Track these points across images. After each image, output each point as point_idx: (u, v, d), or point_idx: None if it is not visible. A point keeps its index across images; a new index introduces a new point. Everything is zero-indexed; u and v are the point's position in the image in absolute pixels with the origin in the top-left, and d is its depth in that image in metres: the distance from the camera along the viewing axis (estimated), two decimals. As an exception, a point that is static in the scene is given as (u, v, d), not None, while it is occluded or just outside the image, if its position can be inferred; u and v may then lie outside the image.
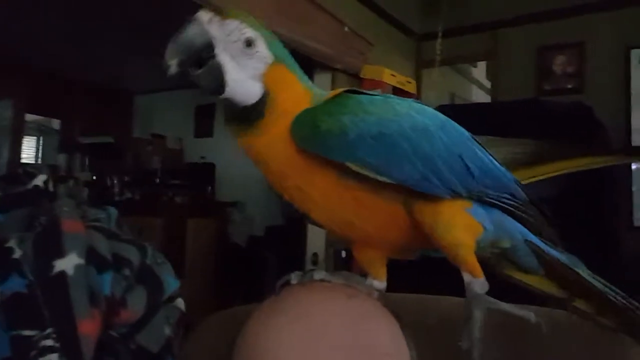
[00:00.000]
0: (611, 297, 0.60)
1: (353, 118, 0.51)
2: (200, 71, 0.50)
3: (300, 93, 0.55)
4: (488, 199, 0.57)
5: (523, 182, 0.63)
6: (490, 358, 0.55)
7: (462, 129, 0.58)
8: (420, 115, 0.54)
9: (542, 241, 0.61)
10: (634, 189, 2.96)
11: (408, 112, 0.54)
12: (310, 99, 0.55)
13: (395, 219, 0.55)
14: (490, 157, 0.58)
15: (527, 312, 0.53)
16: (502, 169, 0.59)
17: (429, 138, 0.53)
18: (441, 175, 0.52)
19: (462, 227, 0.55)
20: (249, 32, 0.51)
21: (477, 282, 0.54)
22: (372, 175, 0.50)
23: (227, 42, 0.51)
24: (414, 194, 0.53)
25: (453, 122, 0.58)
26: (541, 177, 0.65)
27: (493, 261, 0.62)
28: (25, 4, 3.44)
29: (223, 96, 0.52)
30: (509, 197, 0.59)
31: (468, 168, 0.54)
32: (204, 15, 0.51)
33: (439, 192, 0.53)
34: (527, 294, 0.65)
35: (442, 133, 0.54)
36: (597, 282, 0.60)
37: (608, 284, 0.61)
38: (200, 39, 0.50)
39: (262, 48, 0.52)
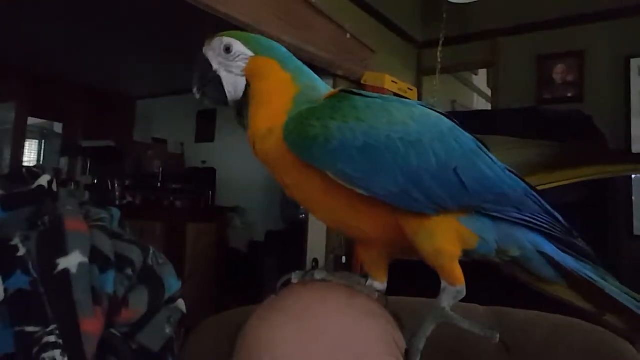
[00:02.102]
0: None
1: (341, 125, 0.50)
2: (209, 89, 0.59)
3: (282, 78, 0.58)
4: (487, 213, 0.55)
5: (545, 187, 0.61)
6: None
7: (469, 139, 0.56)
8: (417, 124, 0.53)
9: (560, 251, 0.58)
10: (634, 198, 2.96)
11: (404, 120, 0.52)
12: (293, 84, 0.57)
13: (390, 222, 0.54)
14: (498, 169, 0.56)
15: (490, 332, 0.53)
16: (511, 181, 0.56)
17: (419, 150, 0.51)
18: (427, 190, 0.51)
19: (446, 236, 0.53)
20: (225, 40, 0.59)
21: (450, 289, 0.54)
22: (350, 187, 0.50)
23: (217, 58, 0.59)
24: None
25: (460, 130, 0.56)
26: (563, 183, 0.62)
27: (507, 269, 0.61)
28: (28, 8, 3.46)
29: (230, 104, 0.59)
30: (513, 210, 0.56)
31: (462, 182, 0.52)
32: (205, 45, 0.60)
33: (420, 209, 0.52)
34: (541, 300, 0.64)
35: (437, 144, 0.52)
36: (624, 297, 0.57)
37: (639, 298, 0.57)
38: (201, 65, 0.59)
39: (239, 48, 0.58)
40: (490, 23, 3.47)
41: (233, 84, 0.58)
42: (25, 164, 5.28)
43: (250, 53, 0.58)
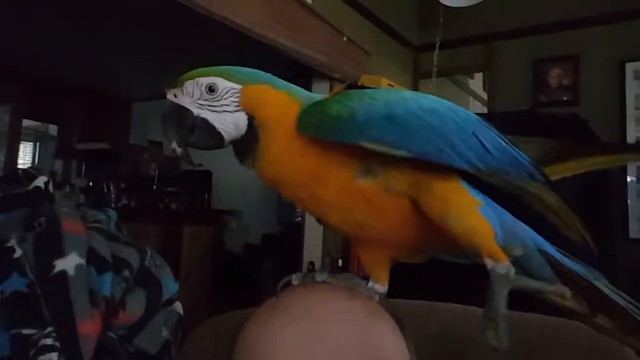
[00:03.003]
0: (634, 314, 0.56)
1: (360, 102, 0.51)
2: (196, 136, 0.54)
3: (280, 98, 0.55)
4: (508, 180, 0.54)
5: None
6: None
7: (471, 113, 0.57)
8: (427, 100, 0.54)
9: (558, 251, 0.58)
10: (629, 201, 2.97)
11: (414, 98, 0.54)
12: (292, 99, 0.56)
13: (406, 217, 0.54)
14: (503, 137, 0.56)
15: (560, 287, 0.52)
16: (518, 150, 0.56)
17: (439, 116, 0.52)
18: (457, 147, 0.51)
19: (474, 215, 0.52)
20: (204, 80, 0.54)
21: (500, 266, 0.50)
22: (388, 151, 0.49)
23: (196, 101, 0.54)
24: (423, 184, 0.52)
25: (460, 107, 0.57)
26: (555, 177, 0.61)
27: None
28: (24, 10, 3.45)
29: (227, 144, 0.55)
30: (528, 177, 0.55)
31: (483, 144, 0.53)
32: (169, 94, 0.55)
33: (458, 164, 0.51)
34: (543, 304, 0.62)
35: (451, 113, 0.53)
36: (618, 298, 0.57)
37: (632, 300, 0.57)
38: (177, 115, 0.54)
39: (223, 84, 0.55)
40: (486, 27, 3.48)
41: (232, 123, 0.54)
42: (19, 166, 5.24)
43: (237, 86, 0.55)
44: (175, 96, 0.55)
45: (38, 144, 5.91)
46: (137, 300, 0.70)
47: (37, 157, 5.90)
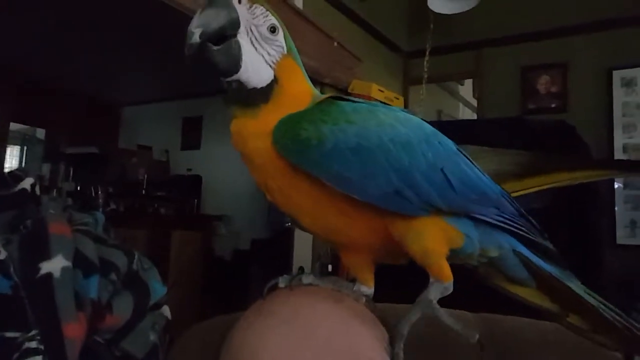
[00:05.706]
0: (605, 314, 0.58)
1: (333, 128, 0.50)
2: (218, 48, 0.50)
3: (305, 88, 0.57)
4: (472, 214, 0.56)
5: (513, 194, 0.62)
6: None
7: (449, 142, 0.58)
8: (403, 127, 0.53)
9: (532, 253, 0.60)
10: (616, 207, 3.00)
11: (391, 122, 0.53)
12: (311, 96, 0.56)
13: (377, 227, 0.54)
14: (477, 171, 0.57)
15: (470, 331, 0.52)
16: (489, 182, 0.58)
17: (409, 151, 0.52)
18: (418, 189, 0.52)
19: (432, 236, 0.54)
20: (274, 20, 0.54)
21: (438, 285, 0.54)
22: (345, 191, 0.50)
23: (250, 25, 0.52)
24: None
25: (440, 134, 0.57)
26: (531, 190, 0.64)
27: (482, 271, 0.62)
28: (12, 13, 3.42)
29: (233, 78, 0.52)
30: (494, 210, 0.57)
31: (450, 182, 0.53)
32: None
33: (412, 211, 0.52)
34: (521, 306, 0.64)
35: (424, 146, 0.53)
36: (590, 298, 0.59)
37: (603, 300, 0.59)
38: (227, 16, 0.51)
39: (281, 37, 0.54)
40: (476, 34, 3.52)
41: (258, 70, 0.52)
42: (6, 170, 5.17)
43: (285, 48, 0.55)
44: (239, 2, 0.52)
45: (25, 147, 5.85)
46: (124, 303, 0.69)
47: (24, 160, 5.84)
